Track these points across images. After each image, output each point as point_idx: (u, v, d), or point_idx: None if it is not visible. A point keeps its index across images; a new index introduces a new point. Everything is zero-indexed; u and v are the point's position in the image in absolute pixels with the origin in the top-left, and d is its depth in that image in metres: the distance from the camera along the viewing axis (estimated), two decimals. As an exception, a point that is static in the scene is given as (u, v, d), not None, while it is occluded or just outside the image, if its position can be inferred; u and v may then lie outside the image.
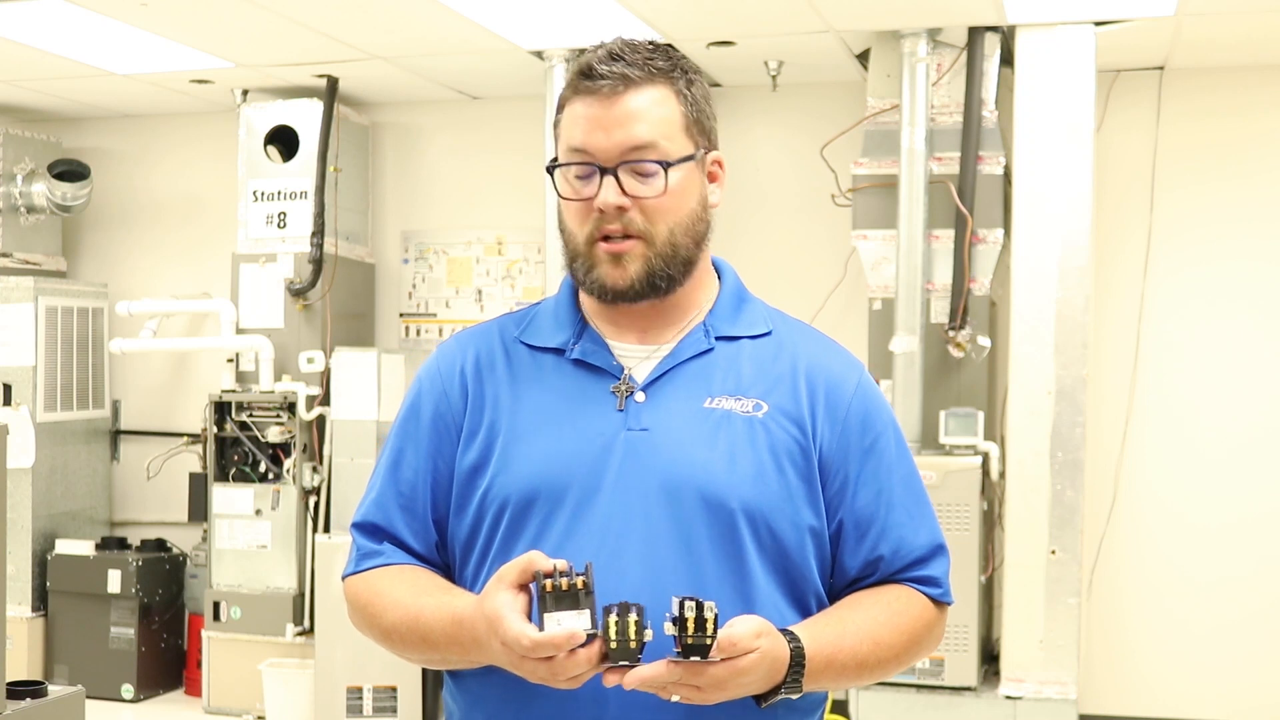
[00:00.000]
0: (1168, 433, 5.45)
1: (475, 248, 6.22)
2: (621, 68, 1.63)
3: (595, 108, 1.63)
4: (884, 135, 5.22)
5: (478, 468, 1.68)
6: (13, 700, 2.64)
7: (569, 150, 1.65)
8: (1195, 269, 5.43)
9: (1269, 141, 5.37)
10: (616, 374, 1.68)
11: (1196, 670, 5.40)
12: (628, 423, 1.65)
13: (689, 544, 1.60)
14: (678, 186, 1.65)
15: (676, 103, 1.67)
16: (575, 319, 1.74)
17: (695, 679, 1.46)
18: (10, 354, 5.92)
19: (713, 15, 4.79)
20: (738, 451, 1.64)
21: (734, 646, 1.46)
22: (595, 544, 1.60)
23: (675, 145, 1.65)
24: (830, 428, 1.69)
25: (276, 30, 4.97)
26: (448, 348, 1.79)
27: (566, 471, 1.63)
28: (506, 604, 1.48)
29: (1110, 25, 4.83)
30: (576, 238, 1.66)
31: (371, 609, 1.69)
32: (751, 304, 1.78)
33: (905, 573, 1.71)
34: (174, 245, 6.59)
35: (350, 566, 1.75)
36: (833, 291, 5.63)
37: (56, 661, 5.94)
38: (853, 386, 1.72)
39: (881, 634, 1.65)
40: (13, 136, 6.23)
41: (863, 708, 4.92)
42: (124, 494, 6.54)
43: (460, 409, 1.71)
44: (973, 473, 4.86)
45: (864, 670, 1.63)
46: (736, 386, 1.68)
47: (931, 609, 1.72)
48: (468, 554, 1.69)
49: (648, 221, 1.64)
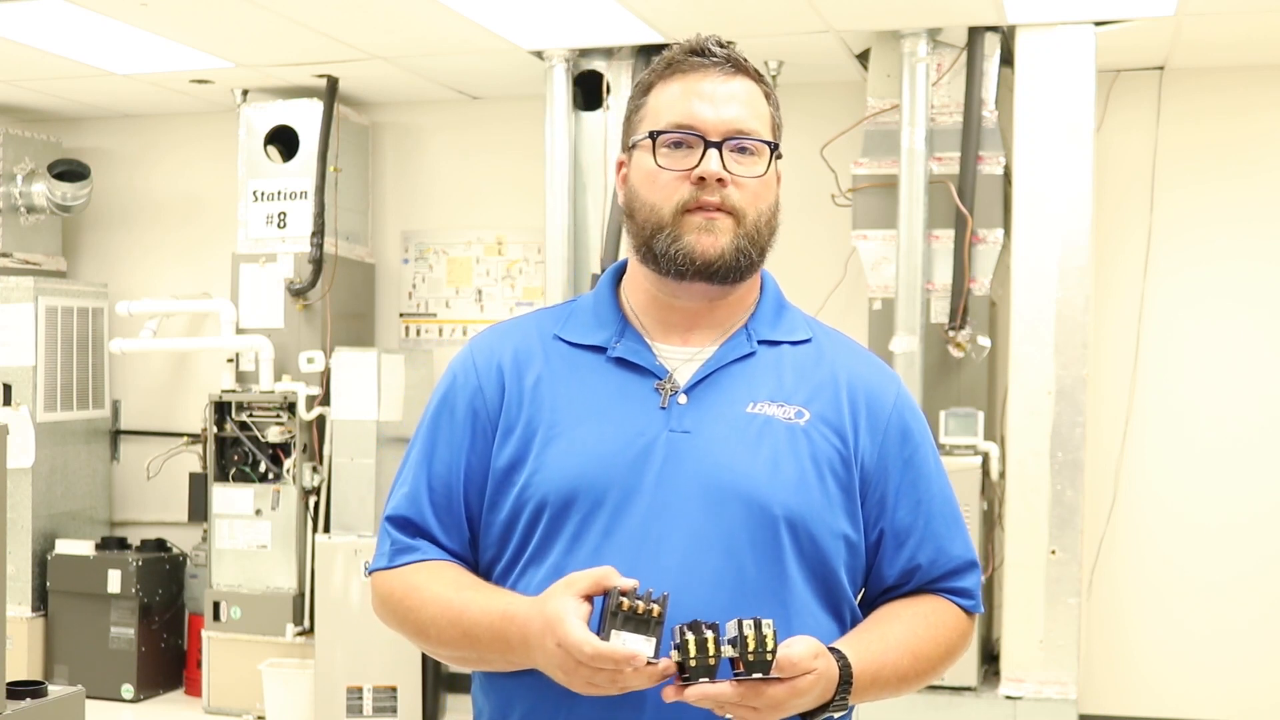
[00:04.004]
0: (1168, 433, 5.45)
1: (475, 248, 6.22)
2: (728, 53, 1.67)
3: (704, 84, 1.65)
4: (884, 135, 5.22)
5: (514, 465, 1.66)
6: (13, 700, 2.64)
7: (668, 122, 1.64)
8: (1195, 269, 5.43)
9: (1269, 141, 5.37)
10: (660, 374, 1.66)
11: (1196, 670, 5.40)
12: (670, 424, 1.63)
13: (730, 549, 1.59)
14: (769, 175, 1.67)
15: (767, 103, 1.69)
16: (617, 317, 1.72)
17: (754, 699, 1.46)
18: (10, 354, 5.92)
19: (713, 15, 4.79)
20: (780, 458, 1.63)
21: (794, 667, 1.46)
22: (635, 545, 1.59)
23: (769, 137, 1.68)
24: (871, 440, 1.69)
25: (276, 30, 4.97)
26: (484, 342, 1.76)
27: (606, 471, 1.61)
28: (570, 609, 1.47)
29: (1110, 25, 4.83)
30: (662, 209, 1.63)
31: (408, 603, 1.66)
32: (791, 311, 1.77)
33: (940, 583, 1.72)
34: (174, 245, 6.59)
35: (383, 561, 1.71)
36: (833, 291, 5.63)
37: (56, 661, 5.94)
38: (892, 399, 1.73)
39: (921, 647, 1.66)
40: (13, 136, 6.23)
41: (863, 707, 4.91)
42: (124, 494, 6.54)
43: (497, 405, 1.68)
44: (973, 473, 4.86)
45: (904, 683, 1.65)
46: (779, 392, 1.67)
47: (965, 620, 1.75)
48: (501, 552, 1.67)
49: (742, 200, 1.63)
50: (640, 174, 1.67)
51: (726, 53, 1.67)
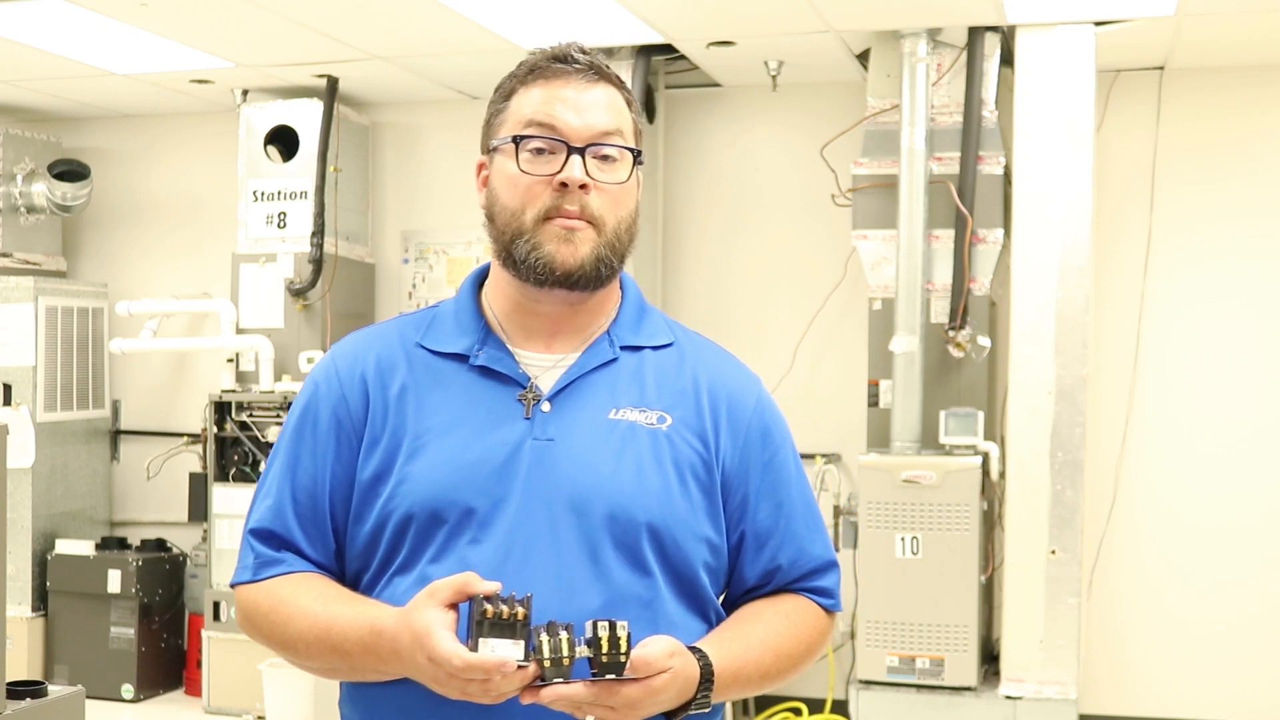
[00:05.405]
0: (1168, 433, 5.45)
1: (475, 248, 6.21)
2: (590, 60, 1.66)
3: (567, 90, 1.64)
4: (884, 135, 5.22)
5: (379, 477, 1.65)
6: (13, 700, 2.64)
7: (531, 126, 1.64)
8: (1195, 268, 5.43)
9: (1269, 141, 5.37)
10: (523, 382, 1.66)
11: (1196, 670, 5.40)
12: (534, 432, 1.63)
13: (596, 557, 1.60)
14: (631, 182, 1.67)
15: (629, 110, 1.70)
16: (478, 324, 1.71)
17: (610, 699, 1.47)
18: (10, 354, 5.92)
19: (713, 15, 4.79)
20: (644, 465, 1.64)
21: (648, 666, 1.48)
22: (502, 555, 1.59)
23: (631, 143, 1.68)
24: (732, 442, 1.71)
25: (276, 30, 4.97)
26: (346, 349, 1.74)
27: (472, 482, 1.61)
28: (437, 620, 1.47)
29: (1110, 25, 4.83)
30: (522, 216, 1.63)
31: (274, 617, 1.65)
32: (652, 314, 1.78)
33: (800, 583, 1.74)
34: (174, 245, 6.59)
35: (246, 574, 1.70)
36: (833, 291, 5.63)
37: (56, 661, 5.94)
38: (753, 401, 1.75)
39: (782, 644, 1.68)
40: (13, 136, 6.23)
41: (862, 708, 4.92)
42: (124, 494, 6.54)
43: (361, 415, 1.67)
44: (973, 473, 4.86)
45: (766, 680, 1.67)
46: (640, 398, 1.68)
47: (824, 618, 1.77)
48: (367, 562, 1.67)
49: (603, 207, 1.63)
50: (501, 178, 1.66)
51: (589, 60, 1.66)
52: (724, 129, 5.93)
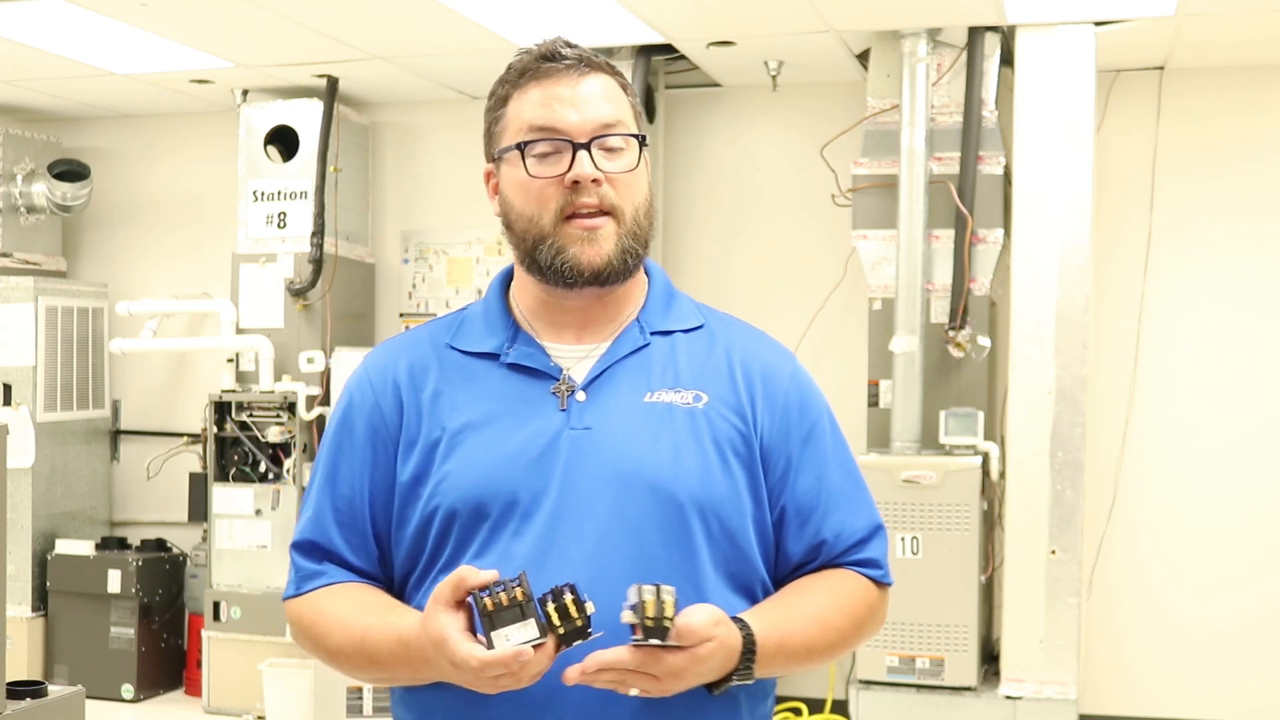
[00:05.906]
0: (1168, 433, 5.45)
1: (475, 248, 6.22)
2: (578, 53, 1.66)
3: (561, 88, 1.64)
4: (884, 135, 5.22)
5: (419, 478, 1.66)
6: (13, 700, 2.65)
7: (533, 130, 1.64)
8: (1195, 268, 5.43)
9: (1269, 141, 5.37)
10: (555, 375, 1.67)
11: (1196, 670, 5.40)
12: (570, 422, 1.64)
13: (639, 539, 1.60)
14: (640, 167, 1.67)
15: (625, 94, 1.70)
16: (507, 322, 1.72)
17: (653, 668, 1.46)
18: (10, 354, 5.92)
19: (713, 15, 4.79)
20: (682, 444, 1.64)
21: (693, 634, 1.47)
22: (545, 545, 1.59)
23: (633, 128, 1.68)
24: (770, 416, 1.70)
25: (276, 30, 4.97)
26: (377, 358, 1.76)
27: (511, 476, 1.61)
28: (449, 625, 1.48)
29: (1110, 25, 4.83)
30: (541, 220, 1.63)
31: (315, 630, 1.67)
32: (680, 299, 1.78)
33: (846, 556, 1.72)
34: (174, 245, 6.59)
35: (291, 589, 1.72)
36: (833, 291, 5.63)
37: (56, 661, 5.94)
38: (788, 374, 1.74)
39: (829, 618, 1.66)
40: (13, 136, 6.23)
41: (863, 707, 4.92)
42: (124, 494, 6.54)
43: (395, 421, 1.69)
44: (973, 473, 4.86)
45: (813, 654, 1.65)
46: (675, 379, 1.68)
47: (874, 591, 1.73)
48: (413, 566, 1.67)
49: (619, 197, 1.64)
50: (512, 185, 1.66)
51: (578, 52, 1.66)
52: (724, 129, 5.93)
